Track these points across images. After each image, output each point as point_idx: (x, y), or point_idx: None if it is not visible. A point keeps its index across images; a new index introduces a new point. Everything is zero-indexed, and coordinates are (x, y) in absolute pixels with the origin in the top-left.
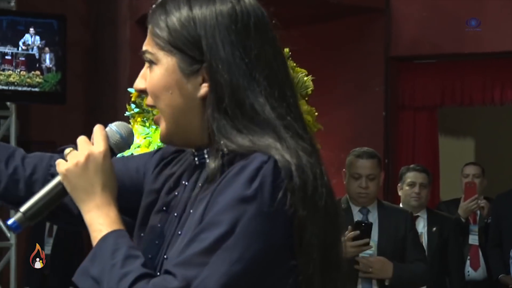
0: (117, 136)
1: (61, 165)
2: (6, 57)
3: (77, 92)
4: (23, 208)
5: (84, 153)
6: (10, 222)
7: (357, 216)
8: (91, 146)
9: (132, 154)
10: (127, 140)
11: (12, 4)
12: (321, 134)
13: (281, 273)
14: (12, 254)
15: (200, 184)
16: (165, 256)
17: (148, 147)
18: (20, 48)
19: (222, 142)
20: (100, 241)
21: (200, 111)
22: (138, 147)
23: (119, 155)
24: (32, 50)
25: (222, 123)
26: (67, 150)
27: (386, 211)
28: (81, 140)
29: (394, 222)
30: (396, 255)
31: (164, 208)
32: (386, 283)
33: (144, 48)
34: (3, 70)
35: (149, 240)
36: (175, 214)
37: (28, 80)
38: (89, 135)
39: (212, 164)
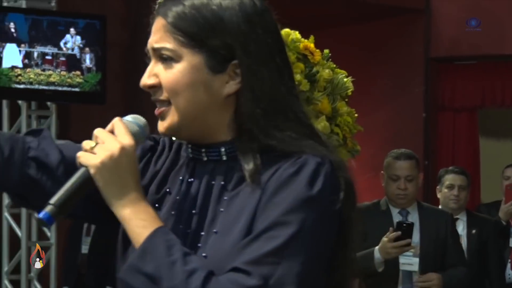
0: (135, 128)
1: (91, 159)
2: (47, 57)
3: (116, 92)
4: (52, 200)
5: (117, 146)
6: (41, 214)
7: (397, 218)
8: (120, 138)
9: None
10: (144, 131)
11: (53, 4)
12: (360, 135)
13: (328, 268)
14: (52, 253)
15: (222, 183)
16: (204, 254)
17: None
18: (60, 48)
19: (262, 139)
20: (149, 238)
21: (224, 108)
22: None
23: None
24: (72, 51)
25: (261, 120)
26: (86, 142)
27: (427, 212)
28: (104, 133)
29: (435, 224)
30: (437, 257)
31: (156, 205)
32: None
33: (159, 45)
34: (44, 70)
35: None
36: (193, 211)
37: (69, 80)
38: None
39: (250, 163)
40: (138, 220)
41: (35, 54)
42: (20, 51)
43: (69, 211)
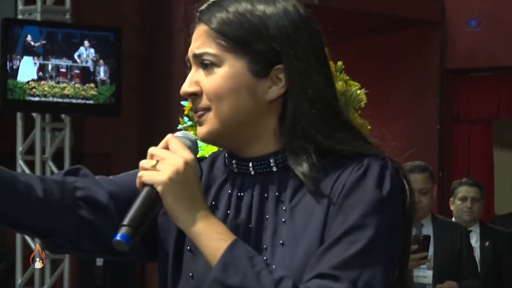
0: (189, 143)
1: (157, 176)
2: (61, 69)
3: (131, 104)
4: (126, 221)
5: (180, 160)
6: (118, 236)
7: (412, 231)
8: (179, 153)
9: None
10: (196, 146)
11: (67, 16)
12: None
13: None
14: (66, 266)
15: (276, 193)
16: (273, 267)
17: None
18: (75, 61)
19: (321, 139)
20: (229, 250)
21: (268, 114)
22: None
23: None
24: (86, 63)
25: (318, 121)
26: (144, 162)
27: (441, 225)
28: (161, 150)
29: (450, 236)
30: (452, 269)
31: None
32: None
33: (201, 50)
34: (58, 82)
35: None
36: (250, 225)
37: (83, 92)
38: (143, 147)
39: (304, 165)
40: (214, 234)
41: (50, 67)
42: (34, 63)
43: (143, 233)
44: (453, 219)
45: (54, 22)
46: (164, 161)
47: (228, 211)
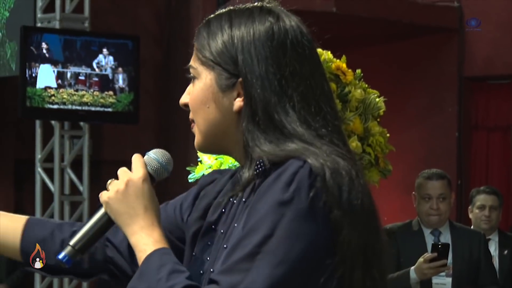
0: (155, 163)
1: (103, 195)
2: (80, 77)
3: (149, 111)
4: (72, 242)
5: (124, 180)
6: (60, 256)
7: (429, 238)
8: (130, 173)
9: (204, 174)
10: (166, 167)
11: (86, 24)
12: (392, 154)
13: (323, 273)
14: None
15: (244, 200)
16: (211, 270)
17: (219, 167)
18: (93, 69)
19: (255, 152)
20: (145, 260)
21: (235, 124)
22: (210, 167)
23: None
24: (105, 71)
25: (256, 134)
26: (108, 182)
27: (459, 232)
28: (121, 170)
29: (468, 244)
30: (470, 277)
31: (213, 226)
32: None
33: (190, 63)
34: (77, 90)
35: (201, 258)
36: (221, 231)
37: (101, 100)
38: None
39: (246, 174)
40: (141, 245)
41: (68, 75)
42: (53, 71)
43: (88, 251)
44: (472, 227)
45: (73, 30)
46: (115, 181)
47: (227, 216)
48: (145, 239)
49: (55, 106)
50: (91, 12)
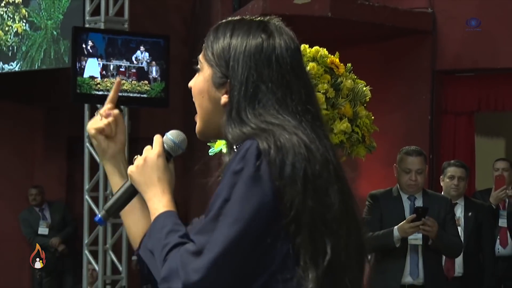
0: (170, 142)
1: (128, 169)
2: (121, 69)
3: (177, 98)
4: (105, 207)
5: (143, 156)
6: (96, 218)
7: (406, 203)
8: (149, 150)
9: (221, 149)
10: (179, 145)
11: (126, 26)
12: (377, 134)
13: (270, 234)
14: (124, 229)
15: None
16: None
17: None
18: (132, 62)
19: (227, 138)
20: (153, 221)
21: (222, 115)
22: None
23: None
24: (141, 64)
25: (228, 126)
26: (135, 158)
27: (430, 198)
28: (145, 148)
29: (437, 207)
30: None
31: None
32: (429, 243)
33: (198, 57)
34: None
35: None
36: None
37: (138, 88)
38: (187, 132)
39: (227, 157)
40: (153, 209)
41: (111, 67)
42: (98, 64)
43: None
44: (442, 193)
45: (115, 30)
46: (138, 157)
47: None
48: (156, 204)
49: (100, 93)
50: (130, 15)
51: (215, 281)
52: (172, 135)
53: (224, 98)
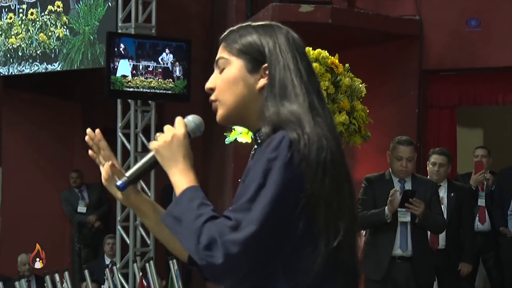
0: (192, 124)
1: (153, 143)
2: (149, 69)
3: (197, 94)
4: (127, 174)
5: (170, 134)
6: (118, 183)
7: (397, 186)
8: (174, 129)
9: (236, 138)
10: (199, 128)
11: (153, 31)
12: (371, 126)
13: (299, 213)
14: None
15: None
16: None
17: (247, 134)
18: (158, 63)
19: (264, 117)
20: (181, 193)
21: (256, 98)
22: (240, 133)
23: None
24: (167, 64)
25: (267, 103)
26: (157, 134)
27: (418, 181)
28: (167, 126)
29: (423, 189)
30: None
31: (238, 180)
32: (416, 221)
33: (218, 56)
34: (146, 78)
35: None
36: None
37: (164, 85)
38: (205, 124)
39: (265, 138)
40: (179, 183)
41: (140, 67)
42: (129, 64)
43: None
44: (428, 177)
45: (144, 35)
46: (163, 134)
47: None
48: (181, 179)
49: (131, 89)
50: (157, 22)
51: (251, 254)
52: (193, 118)
53: (262, 81)
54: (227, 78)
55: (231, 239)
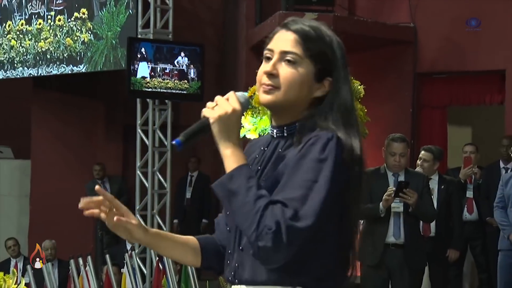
0: (242, 100)
1: (210, 112)
2: (166, 71)
3: (210, 94)
4: (183, 133)
5: (230, 108)
6: (175, 141)
7: (391, 179)
8: (232, 103)
9: (245, 135)
10: (248, 103)
11: (170, 36)
12: (369, 124)
13: (339, 204)
14: (167, 198)
15: (280, 150)
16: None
17: (255, 131)
18: (174, 65)
19: (317, 124)
20: (238, 168)
21: (307, 101)
22: (249, 130)
23: None
24: (182, 67)
25: (326, 117)
26: (209, 103)
27: (410, 175)
28: (222, 99)
29: (415, 182)
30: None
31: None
32: (409, 210)
33: (289, 49)
34: (164, 79)
35: None
36: (258, 167)
37: (179, 86)
38: None
39: (299, 135)
40: (233, 157)
41: (158, 69)
42: (148, 67)
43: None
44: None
45: (161, 40)
46: (220, 105)
47: (256, 157)
48: (236, 153)
49: (150, 89)
50: (173, 28)
51: (303, 243)
52: (243, 93)
53: (320, 92)
54: (299, 77)
55: (294, 226)
